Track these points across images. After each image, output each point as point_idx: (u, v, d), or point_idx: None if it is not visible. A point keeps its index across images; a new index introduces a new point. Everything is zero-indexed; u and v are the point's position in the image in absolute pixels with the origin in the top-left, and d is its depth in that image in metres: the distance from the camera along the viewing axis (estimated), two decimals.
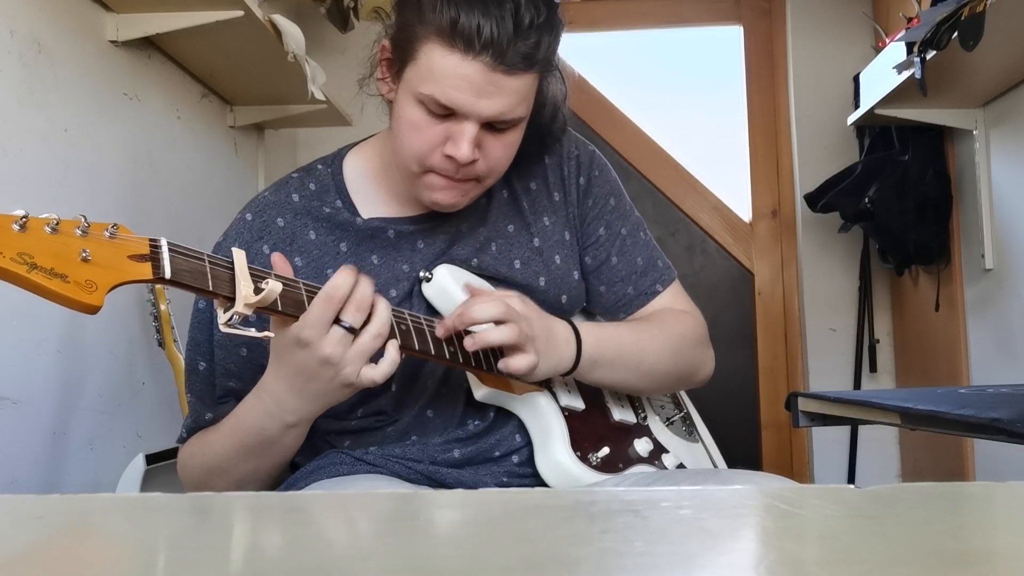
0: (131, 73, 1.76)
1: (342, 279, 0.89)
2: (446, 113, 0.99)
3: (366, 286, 0.91)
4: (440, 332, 0.99)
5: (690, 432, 1.30)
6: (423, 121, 1.01)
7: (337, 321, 0.89)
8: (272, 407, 0.96)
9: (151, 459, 1.66)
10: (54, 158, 1.50)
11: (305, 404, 0.95)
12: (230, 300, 0.85)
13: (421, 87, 0.99)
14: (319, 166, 1.16)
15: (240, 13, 1.68)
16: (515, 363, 1.00)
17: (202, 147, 2.09)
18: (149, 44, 1.82)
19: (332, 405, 0.97)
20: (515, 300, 1.02)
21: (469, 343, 0.98)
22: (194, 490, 1.08)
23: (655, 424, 1.24)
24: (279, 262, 0.92)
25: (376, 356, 0.93)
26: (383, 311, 0.92)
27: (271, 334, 0.89)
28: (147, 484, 1.64)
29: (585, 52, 2.93)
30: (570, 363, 1.06)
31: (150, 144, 1.83)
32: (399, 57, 1.03)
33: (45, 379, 1.46)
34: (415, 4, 1.00)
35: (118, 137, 1.71)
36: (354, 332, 0.90)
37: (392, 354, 0.93)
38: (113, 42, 1.69)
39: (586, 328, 1.09)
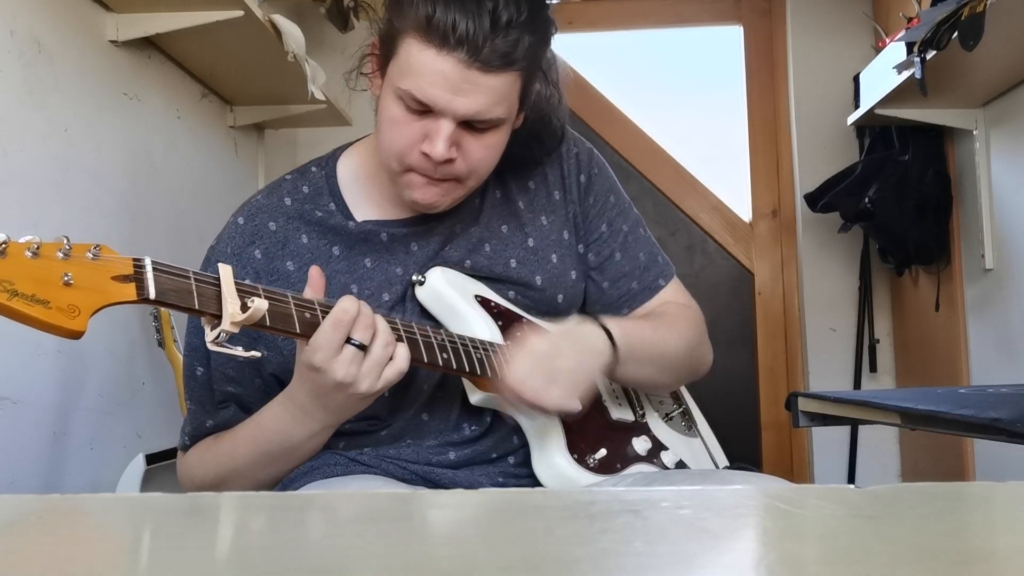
0: (131, 73, 1.76)
1: (349, 303, 0.91)
2: (423, 110, 0.99)
3: (367, 306, 0.94)
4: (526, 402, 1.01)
5: (689, 427, 1.29)
6: (402, 118, 1.01)
7: (348, 340, 0.91)
8: (298, 414, 0.99)
9: (151, 459, 1.66)
10: (54, 158, 1.50)
11: (330, 415, 0.98)
12: (217, 318, 0.85)
13: (399, 83, 0.99)
14: (313, 168, 1.15)
15: (240, 13, 1.68)
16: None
17: (202, 147, 2.09)
18: (149, 44, 1.82)
19: (355, 413, 1.00)
20: (546, 339, 1.05)
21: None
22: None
23: (653, 421, 1.24)
24: (315, 275, 0.94)
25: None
26: (382, 323, 0.95)
27: (256, 354, 0.88)
28: (147, 484, 1.64)
29: (585, 52, 2.93)
30: (603, 368, 1.08)
31: (150, 144, 1.83)
32: (384, 53, 1.03)
33: (45, 379, 1.46)
34: (396, 0, 1.00)
35: (118, 137, 1.70)
36: (364, 349, 0.92)
37: (403, 353, 0.95)
38: (113, 42, 1.69)
39: (615, 326, 1.10)
